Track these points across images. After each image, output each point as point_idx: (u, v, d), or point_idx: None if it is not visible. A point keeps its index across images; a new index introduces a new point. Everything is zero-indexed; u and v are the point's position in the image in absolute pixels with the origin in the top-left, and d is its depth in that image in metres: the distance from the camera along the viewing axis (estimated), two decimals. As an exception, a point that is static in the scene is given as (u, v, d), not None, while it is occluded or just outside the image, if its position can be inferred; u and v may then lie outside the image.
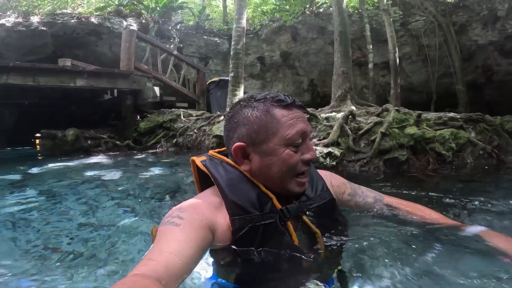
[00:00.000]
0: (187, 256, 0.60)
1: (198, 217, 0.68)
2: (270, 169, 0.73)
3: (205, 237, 0.67)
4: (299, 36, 9.06)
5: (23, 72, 4.21)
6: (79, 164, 3.70)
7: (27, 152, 6.08)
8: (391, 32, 7.46)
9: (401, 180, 2.22)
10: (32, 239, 1.34)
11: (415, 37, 8.80)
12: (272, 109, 0.74)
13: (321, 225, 0.77)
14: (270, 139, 0.72)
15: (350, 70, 4.95)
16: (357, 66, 9.90)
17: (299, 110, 0.76)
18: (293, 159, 0.73)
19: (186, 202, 0.74)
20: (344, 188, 0.94)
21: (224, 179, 0.74)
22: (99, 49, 8.08)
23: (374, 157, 2.40)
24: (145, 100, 5.40)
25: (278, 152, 0.72)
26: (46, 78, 4.29)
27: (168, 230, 0.65)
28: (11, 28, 7.09)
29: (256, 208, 0.72)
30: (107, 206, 1.87)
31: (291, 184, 0.75)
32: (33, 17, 7.33)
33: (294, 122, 0.72)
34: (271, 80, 10.39)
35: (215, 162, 0.78)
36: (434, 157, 2.65)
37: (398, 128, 2.61)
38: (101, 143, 4.67)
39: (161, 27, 8.32)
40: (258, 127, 0.73)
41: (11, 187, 2.48)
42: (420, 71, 9.45)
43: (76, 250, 1.18)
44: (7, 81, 4.12)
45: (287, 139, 0.71)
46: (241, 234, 0.70)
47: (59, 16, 7.53)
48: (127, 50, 5.18)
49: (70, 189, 2.35)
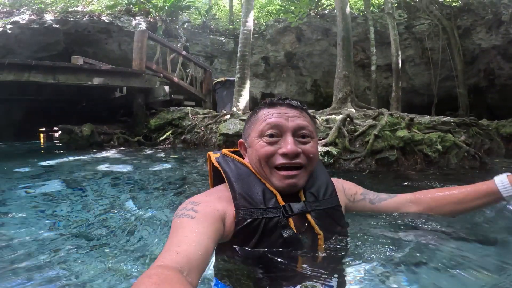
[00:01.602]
0: (206, 247, 0.63)
1: (211, 209, 0.72)
2: (253, 161, 0.81)
3: (219, 228, 0.71)
4: (303, 37, 9.37)
5: (44, 70, 4.59)
6: (94, 158, 4.05)
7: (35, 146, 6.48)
8: (394, 36, 7.73)
9: (389, 175, 2.59)
10: (53, 225, 1.50)
11: (419, 40, 9.06)
12: (260, 109, 0.85)
13: (324, 228, 0.79)
14: (250, 134, 0.84)
15: (352, 73, 5.27)
16: (360, 68, 10.19)
17: (287, 108, 0.82)
18: (264, 149, 0.78)
19: (198, 195, 0.80)
20: (355, 189, 0.98)
21: (234, 173, 0.81)
22: (108, 47, 8.44)
23: (367, 156, 2.74)
24: (156, 98, 5.77)
25: (254, 143, 0.81)
26: (65, 76, 4.67)
27: (185, 222, 0.68)
28: (25, 26, 7.42)
29: (260, 202, 0.76)
30: (121, 196, 2.08)
31: (273, 178, 0.79)
32: (46, 15, 7.66)
33: (269, 117, 0.80)
34: (274, 80, 10.70)
35: (227, 159, 0.86)
36: (421, 157, 2.98)
37: (390, 131, 2.94)
38: (113, 139, 5.05)
39: (169, 26, 8.67)
40: (248, 124, 0.87)
41: (32, 179, 2.77)
42: (422, 74, 9.70)
43: (95, 235, 1.34)
44: (29, 78, 4.50)
45: (259, 130, 0.80)
46: (243, 225, 0.73)
47: (71, 14, 7.88)
48: (139, 50, 5.54)
49: (87, 180, 2.66)
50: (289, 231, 0.74)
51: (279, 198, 0.77)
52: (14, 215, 1.67)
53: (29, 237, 1.31)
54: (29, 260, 1.06)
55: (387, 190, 1.97)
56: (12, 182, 2.60)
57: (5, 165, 3.49)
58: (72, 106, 6.82)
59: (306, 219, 0.78)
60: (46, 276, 0.94)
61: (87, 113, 6.54)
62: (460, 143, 3.24)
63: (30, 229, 1.43)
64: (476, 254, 0.79)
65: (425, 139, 3.06)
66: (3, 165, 3.43)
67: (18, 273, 0.98)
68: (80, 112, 6.65)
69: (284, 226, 0.74)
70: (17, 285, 0.90)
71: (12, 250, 1.17)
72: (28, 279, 0.93)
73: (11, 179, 2.71)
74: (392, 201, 0.96)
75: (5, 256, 1.11)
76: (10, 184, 2.48)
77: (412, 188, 2.09)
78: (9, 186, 2.37)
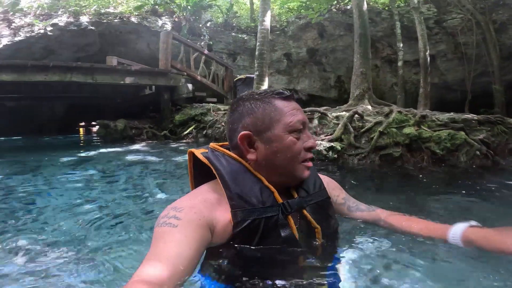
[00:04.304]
0: (188, 258, 0.62)
1: (195, 216, 0.69)
2: (276, 156, 0.78)
3: (204, 236, 0.68)
4: (326, 33, 9.55)
5: (83, 71, 5.34)
6: (126, 150, 4.69)
7: (76, 139, 7.41)
8: (421, 31, 7.69)
9: (391, 173, 2.86)
10: (90, 206, 1.78)
11: (451, 35, 8.87)
12: (274, 100, 0.81)
13: (319, 222, 0.81)
14: (274, 126, 0.79)
15: (369, 71, 5.46)
16: (387, 63, 10.16)
17: (296, 103, 0.84)
18: (297, 146, 0.79)
19: (181, 200, 0.75)
20: (339, 191, 1.01)
21: (228, 171, 0.77)
22: (138, 46, 9.24)
23: (371, 152, 3.03)
24: (180, 95, 6.38)
25: (282, 138, 0.78)
26: (102, 76, 5.39)
27: (166, 231, 0.66)
28: (63, 28, 8.32)
29: (259, 201, 0.75)
30: (149, 182, 2.44)
31: (299, 170, 0.80)
32: (82, 17, 8.51)
33: (294, 112, 0.80)
34: (297, 76, 10.97)
35: (217, 154, 0.81)
36: (429, 155, 3.20)
37: (397, 127, 3.20)
38: (143, 133, 5.72)
39: (192, 25, 9.29)
40: (263, 116, 0.79)
41: (74, 166, 3.35)
42: (456, 69, 9.47)
43: (124, 216, 1.56)
44: (71, 79, 5.26)
45: (290, 126, 0.78)
46: (242, 227, 0.72)
47: (103, 16, 8.70)
48: (165, 50, 6.16)
49: (120, 169, 3.21)
50: (287, 230, 0.75)
51: (276, 195, 0.77)
52: (58, 196, 2.08)
53: (69, 213, 1.68)
54: (69, 235, 1.36)
55: (389, 187, 2.20)
56: (58, 169, 3.20)
57: (51, 155, 4.19)
58: (108, 103, 7.68)
59: (303, 214, 0.81)
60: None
61: (121, 109, 7.35)
62: (471, 141, 3.35)
63: (70, 207, 1.79)
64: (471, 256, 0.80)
65: (434, 137, 3.26)
66: (49, 155, 4.12)
67: (67, 242, 1.26)
68: (115, 108, 7.49)
69: (283, 225, 0.75)
70: (70, 251, 1.15)
71: (57, 224, 1.50)
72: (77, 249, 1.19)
73: (57, 167, 3.33)
74: (367, 214, 0.99)
75: (51, 228, 1.46)
76: (55, 170, 3.07)
77: (411, 187, 2.36)
78: (54, 173, 2.90)
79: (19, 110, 8.55)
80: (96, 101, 7.76)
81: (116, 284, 0.90)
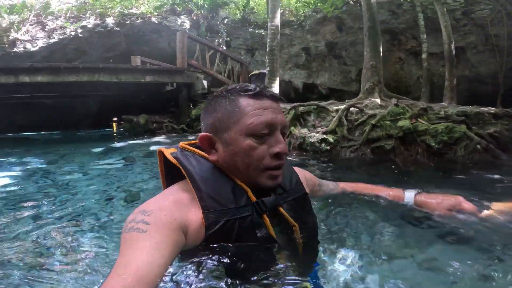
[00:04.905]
0: (159, 266, 0.59)
1: (166, 219, 0.66)
2: (234, 160, 0.73)
3: (177, 240, 0.65)
4: (344, 26, 9.49)
5: (109, 72, 5.97)
6: (147, 142, 5.27)
7: (108, 133, 8.26)
8: (445, 22, 7.43)
9: (382, 164, 3.00)
10: (113, 189, 2.08)
11: (480, 26, 8.46)
12: (238, 98, 0.75)
13: (297, 219, 0.79)
14: (231, 128, 0.73)
15: (380, 64, 5.50)
16: (412, 56, 9.88)
17: (271, 101, 0.76)
18: (257, 152, 0.72)
19: (150, 202, 0.71)
20: (314, 180, 1.07)
21: (197, 171, 0.74)
22: (160, 45, 9.86)
23: (363, 144, 3.20)
24: (196, 91, 6.85)
25: (238, 142, 0.72)
26: (125, 76, 6.00)
27: (134, 238, 0.62)
28: (92, 29, 9.03)
29: (231, 201, 0.72)
30: None
31: (261, 178, 0.74)
32: (107, 19, 9.13)
33: (259, 112, 0.72)
34: (316, 70, 10.99)
35: (187, 154, 0.78)
36: (424, 148, 3.29)
37: (391, 120, 3.32)
38: (163, 126, 6.28)
39: (210, 23, 9.69)
40: (222, 115, 0.74)
41: (102, 155, 4.00)
42: (488, 62, 9.02)
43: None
44: (98, 79, 5.91)
45: (248, 128, 0.72)
46: (215, 229, 0.69)
47: (127, 17, 9.29)
48: (181, 49, 6.63)
49: (141, 158, 3.69)
50: (263, 229, 0.73)
51: (250, 194, 0.74)
52: (90, 181, 2.46)
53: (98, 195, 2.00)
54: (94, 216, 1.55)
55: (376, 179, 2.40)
56: (90, 158, 3.82)
57: (85, 146, 4.97)
58: (134, 99, 8.41)
59: (279, 212, 0.78)
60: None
61: (145, 105, 8.03)
62: (471, 135, 3.38)
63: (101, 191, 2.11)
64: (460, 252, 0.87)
65: (430, 130, 3.33)
66: (84, 146, 4.90)
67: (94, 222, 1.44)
68: (140, 104, 8.18)
69: (259, 225, 0.73)
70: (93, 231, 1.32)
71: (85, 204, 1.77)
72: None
73: (89, 156, 3.98)
74: (336, 190, 1.19)
75: (81, 208, 1.70)
76: (88, 159, 3.66)
77: (399, 179, 2.50)
78: (88, 161, 3.47)
79: (57, 107, 9.59)
80: (124, 98, 8.51)
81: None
